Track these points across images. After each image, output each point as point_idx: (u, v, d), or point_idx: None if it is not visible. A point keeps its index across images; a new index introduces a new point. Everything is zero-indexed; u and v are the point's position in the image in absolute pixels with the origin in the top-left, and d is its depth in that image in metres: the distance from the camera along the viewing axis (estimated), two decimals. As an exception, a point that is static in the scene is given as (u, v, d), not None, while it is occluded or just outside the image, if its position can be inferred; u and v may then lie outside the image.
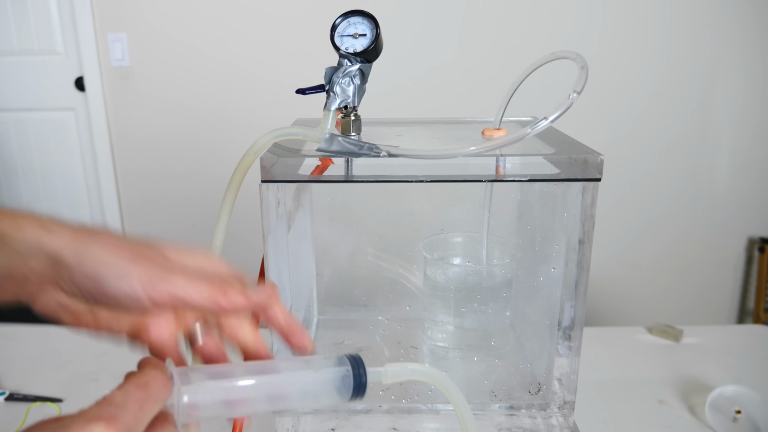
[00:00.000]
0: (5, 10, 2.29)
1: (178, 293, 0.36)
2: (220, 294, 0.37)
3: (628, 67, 2.20)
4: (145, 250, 0.38)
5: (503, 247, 0.82)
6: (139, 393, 0.32)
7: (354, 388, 0.40)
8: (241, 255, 1.62)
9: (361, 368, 0.41)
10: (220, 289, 0.37)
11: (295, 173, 0.61)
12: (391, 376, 0.42)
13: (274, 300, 0.40)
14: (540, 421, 0.73)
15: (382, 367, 0.42)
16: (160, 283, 0.36)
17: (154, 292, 0.36)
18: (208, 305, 0.37)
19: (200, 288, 0.37)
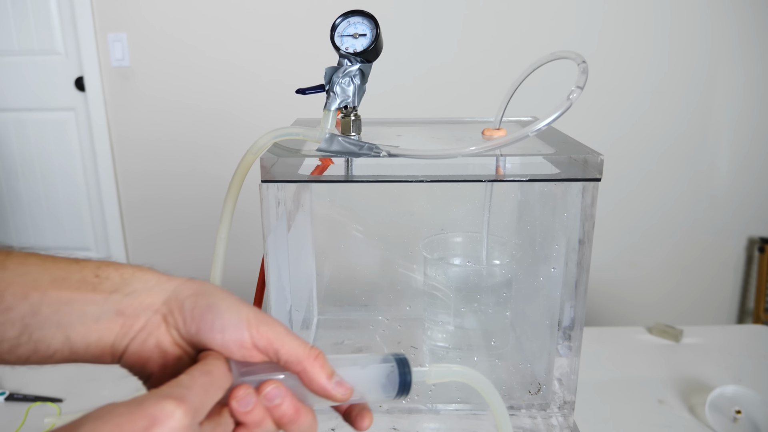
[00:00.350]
0: (5, 10, 2.30)
1: (276, 341, 0.38)
2: (310, 358, 0.38)
3: (628, 67, 2.20)
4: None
5: (503, 247, 0.82)
6: (203, 378, 0.34)
7: (399, 385, 0.42)
8: (241, 255, 1.63)
9: (406, 367, 0.42)
10: (312, 353, 0.39)
11: (295, 173, 0.61)
12: (434, 376, 0.44)
13: (344, 399, 0.40)
14: (540, 421, 0.73)
15: (426, 367, 0.44)
16: (262, 326, 0.38)
17: (257, 333, 0.37)
18: (293, 364, 0.38)
19: (295, 344, 0.38)
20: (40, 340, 0.36)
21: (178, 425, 0.30)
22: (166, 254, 2.48)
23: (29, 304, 0.35)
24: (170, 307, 0.38)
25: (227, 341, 0.37)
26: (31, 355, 0.36)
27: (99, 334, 0.37)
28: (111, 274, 0.38)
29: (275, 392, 0.37)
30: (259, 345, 0.38)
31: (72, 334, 0.36)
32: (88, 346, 0.37)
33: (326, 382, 0.38)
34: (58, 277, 0.37)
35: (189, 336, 0.38)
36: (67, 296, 0.36)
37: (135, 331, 0.37)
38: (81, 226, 2.57)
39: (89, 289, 0.37)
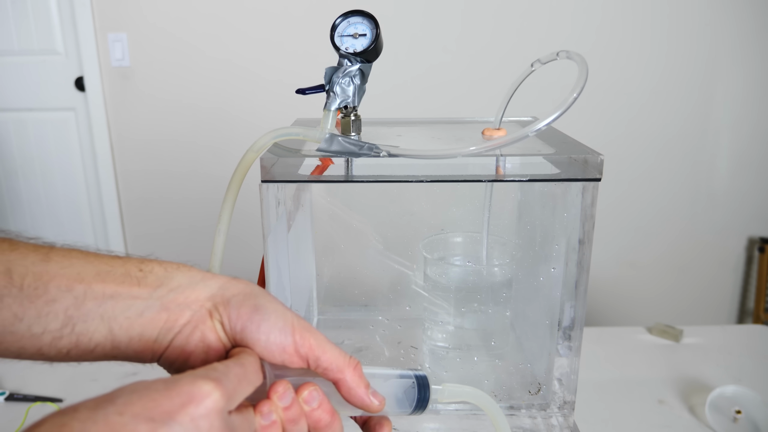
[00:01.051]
0: (5, 10, 2.29)
1: (318, 348, 0.38)
2: (350, 368, 0.39)
3: (627, 66, 2.20)
4: None
5: (503, 247, 0.82)
6: (238, 369, 0.34)
7: (417, 402, 0.43)
8: (241, 255, 1.63)
9: (425, 384, 0.43)
10: (352, 363, 0.39)
11: (295, 173, 0.61)
12: (448, 395, 0.45)
13: (379, 410, 0.41)
14: (540, 421, 0.73)
15: (440, 386, 0.45)
16: (306, 333, 0.38)
17: (300, 339, 0.38)
18: (333, 372, 0.39)
19: (336, 352, 0.39)
20: (83, 333, 0.36)
21: (214, 406, 0.30)
22: (166, 254, 2.45)
23: (73, 296, 0.35)
24: (216, 303, 0.38)
25: (270, 344, 0.37)
26: (72, 349, 0.36)
27: (142, 327, 0.37)
28: (155, 268, 0.39)
29: (314, 395, 0.37)
30: (301, 351, 0.38)
31: (115, 327, 0.36)
32: (130, 341, 0.37)
33: (365, 392, 0.39)
34: (102, 270, 0.37)
35: (232, 333, 0.38)
36: (111, 289, 0.36)
37: (180, 325, 0.37)
38: (81, 226, 2.57)
39: (134, 283, 0.37)
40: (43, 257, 0.36)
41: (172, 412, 0.29)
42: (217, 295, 0.38)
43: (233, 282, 0.40)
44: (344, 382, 0.39)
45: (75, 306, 0.35)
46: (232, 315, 0.38)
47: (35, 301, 0.35)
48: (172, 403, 0.29)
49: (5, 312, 0.35)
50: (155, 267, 0.39)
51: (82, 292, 0.36)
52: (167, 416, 0.29)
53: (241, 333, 0.37)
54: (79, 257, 0.37)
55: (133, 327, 0.37)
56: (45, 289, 0.35)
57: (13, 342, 0.35)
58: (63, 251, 0.37)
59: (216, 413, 0.30)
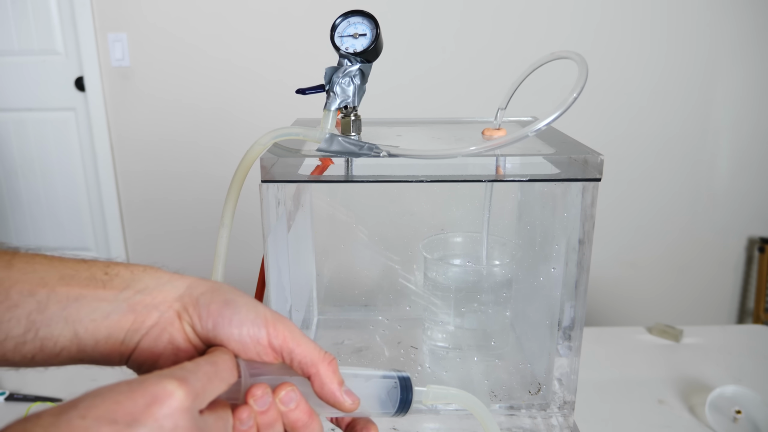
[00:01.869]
0: (5, 10, 2.29)
1: (291, 340, 0.38)
2: (324, 362, 0.38)
3: (626, 66, 2.20)
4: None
5: (503, 247, 0.82)
6: (208, 367, 0.34)
7: (399, 403, 0.42)
8: (242, 255, 1.63)
9: (408, 385, 0.43)
10: (326, 357, 0.39)
11: (295, 173, 0.61)
12: (432, 396, 0.44)
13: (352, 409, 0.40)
14: (540, 421, 0.73)
15: (425, 387, 0.44)
16: (279, 324, 0.38)
17: (274, 330, 0.37)
18: (307, 366, 0.38)
19: (311, 346, 0.38)
20: (47, 338, 0.35)
21: (178, 405, 0.30)
22: (167, 254, 2.48)
23: (36, 301, 0.35)
24: (184, 303, 0.38)
25: (244, 336, 0.37)
26: (37, 354, 0.36)
27: (109, 330, 0.36)
28: (121, 271, 0.38)
29: (291, 395, 0.37)
30: (274, 343, 0.37)
31: (80, 331, 0.36)
32: (96, 343, 0.36)
33: (337, 388, 0.38)
34: (66, 274, 0.37)
35: (205, 332, 0.37)
36: (75, 292, 0.36)
37: (147, 327, 0.37)
38: (81, 226, 2.57)
39: (99, 286, 0.37)
40: (5, 264, 0.36)
41: (135, 413, 0.29)
42: (185, 295, 0.38)
43: (200, 281, 0.39)
44: (317, 376, 0.38)
45: (38, 311, 0.35)
46: (202, 313, 0.37)
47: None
48: (135, 404, 0.29)
49: None
50: (121, 270, 0.38)
51: (45, 296, 0.35)
52: (130, 418, 0.28)
53: (213, 330, 0.37)
54: (43, 262, 0.37)
55: (99, 329, 0.36)
56: (6, 294, 0.35)
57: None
58: (26, 257, 0.37)
59: (181, 412, 0.30)
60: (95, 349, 0.36)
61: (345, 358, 0.83)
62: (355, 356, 0.83)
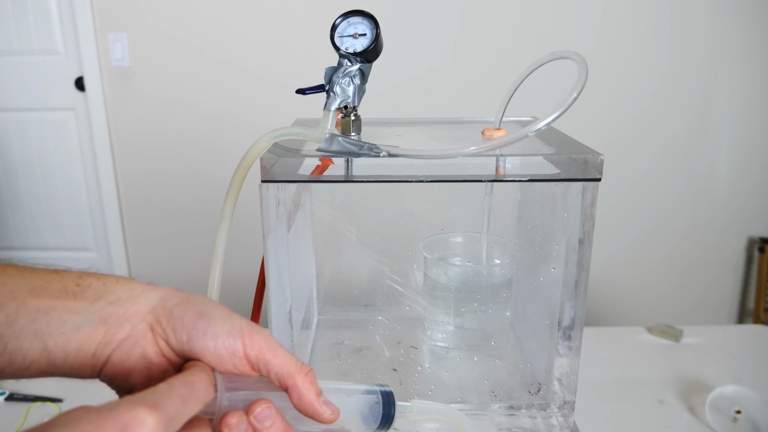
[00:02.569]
0: (5, 10, 2.30)
1: (268, 351, 0.37)
2: (301, 373, 0.38)
3: (628, 67, 2.20)
4: None
5: (503, 247, 0.82)
6: (183, 389, 0.33)
7: (381, 419, 0.42)
8: (241, 255, 1.63)
9: (390, 400, 0.42)
10: (303, 368, 0.38)
11: (295, 173, 0.61)
12: (416, 412, 0.44)
13: (331, 420, 0.39)
14: (540, 421, 0.73)
15: (409, 402, 0.44)
16: (255, 335, 0.37)
17: (250, 341, 0.37)
18: (284, 377, 0.37)
19: (287, 357, 0.38)
20: (16, 351, 0.34)
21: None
22: (167, 254, 2.48)
23: (5, 314, 0.34)
24: (157, 316, 0.37)
25: (219, 348, 0.36)
26: (6, 367, 0.35)
27: (79, 343, 0.35)
28: (93, 282, 0.37)
29: (266, 413, 0.36)
30: (250, 354, 0.37)
31: (50, 344, 0.35)
32: (67, 356, 0.36)
33: (315, 399, 0.38)
34: (36, 286, 0.36)
35: (179, 345, 0.36)
36: (45, 305, 0.35)
37: (119, 340, 0.36)
38: (81, 226, 2.57)
39: (70, 298, 0.36)
40: None
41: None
42: (158, 308, 0.37)
43: (174, 293, 0.38)
44: (295, 388, 0.37)
45: (6, 324, 0.34)
46: (176, 325, 0.36)
47: None
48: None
49: None
50: (93, 281, 0.37)
51: (14, 309, 0.34)
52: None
53: (188, 342, 0.36)
54: (13, 273, 0.36)
55: (69, 342, 0.35)
56: None
57: None
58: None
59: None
60: (65, 362, 0.36)
61: (345, 358, 0.83)
62: (355, 356, 0.83)
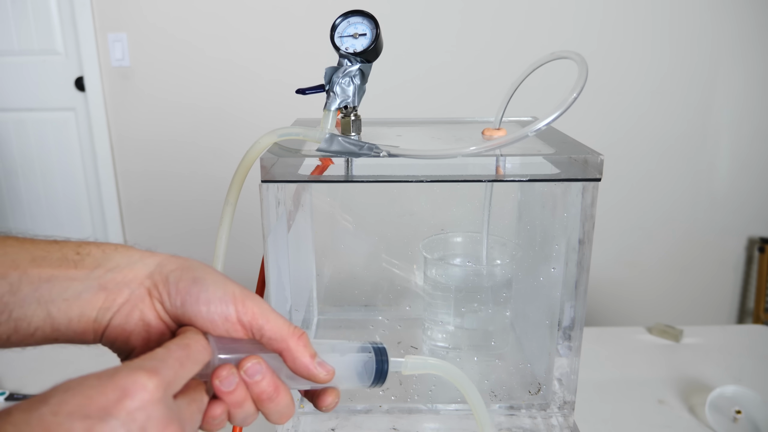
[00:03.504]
0: (5, 10, 2.29)
1: (261, 316, 0.38)
2: (294, 337, 0.38)
3: (628, 67, 2.20)
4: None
5: (503, 247, 0.82)
6: (180, 352, 0.34)
7: (375, 374, 0.42)
8: (241, 255, 1.63)
9: (384, 356, 0.43)
10: (296, 332, 0.39)
11: (295, 173, 0.61)
12: (410, 367, 0.44)
13: (327, 380, 0.40)
14: (540, 421, 0.73)
15: (403, 358, 0.44)
16: (248, 301, 0.38)
17: (242, 307, 0.38)
18: (277, 341, 0.38)
19: (280, 321, 0.38)
20: (21, 318, 0.36)
21: (149, 398, 0.30)
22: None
23: (8, 283, 0.35)
24: (154, 281, 0.38)
25: (212, 314, 0.37)
26: (12, 335, 0.36)
27: (81, 309, 0.37)
28: (92, 250, 0.38)
29: (256, 368, 0.37)
30: (243, 320, 0.37)
31: (53, 310, 0.36)
32: (69, 322, 0.37)
33: (309, 361, 0.38)
34: (37, 256, 0.37)
35: (174, 309, 0.37)
36: (47, 273, 0.36)
37: (118, 304, 0.37)
38: (81, 226, 2.57)
39: (70, 266, 0.37)
40: None
41: (107, 407, 0.29)
42: (155, 273, 0.38)
43: (171, 258, 0.40)
44: (288, 351, 0.38)
45: (11, 292, 0.35)
46: (171, 290, 0.37)
47: None
48: (107, 398, 0.29)
49: None
50: (93, 249, 0.39)
51: (17, 278, 0.36)
52: (103, 412, 0.28)
53: (181, 308, 0.37)
54: (14, 245, 0.37)
55: (71, 308, 0.36)
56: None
57: None
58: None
59: (153, 404, 0.30)
60: (69, 328, 0.37)
61: (345, 358, 0.82)
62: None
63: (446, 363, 0.46)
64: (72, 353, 1.00)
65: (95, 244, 0.39)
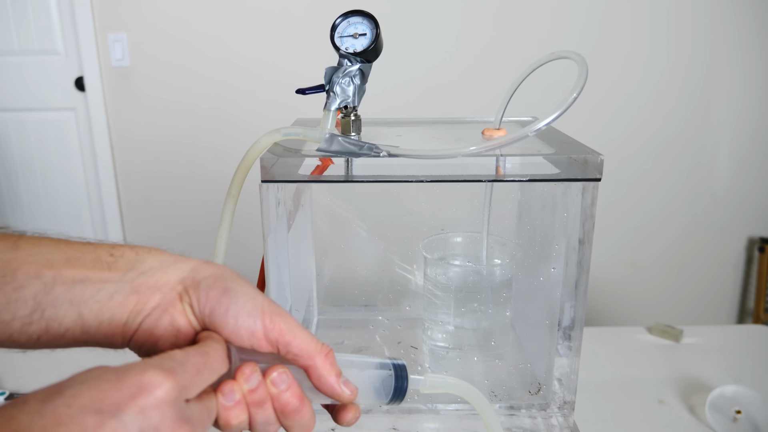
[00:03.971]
0: (5, 10, 2.29)
1: (288, 333, 0.38)
2: (321, 354, 0.38)
3: (627, 66, 2.20)
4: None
5: (503, 247, 0.82)
6: (198, 359, 0.33)
7: (394, 392, 0.42)
8: (241, 255, 1.63)
9: (403, 373, 0.42)
10: (323, 350, 0.39)
11: (295, 173, 0.61)
12: (429, 386, 0.44)
13: (351, 400, 0.40)
14: (540, 421, 0.73)
15: (422, 376, 0.43)
16: (276, 317, 0.38)
17: (270, 323, 0.37)
18: (303, 358, 0.38)
19: (308, 338, 0.38)
20: (53, 318, 0.36)
21: (164, 397, 0.30)
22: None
23: (42, 282, 0.35)
24: (186, 286, 0.38)
25: (239, 328, 0.37)
26: (42, 335, 0.36)
27: (112, 311, 0.37)
28: (126, 253, 0.38)
29: (283, 377, 0.37)
30: (270, 336, 0.37)
31: (85, 312, 0.36)
32: (100, 324, 0.36)
33: (335, 380, 0.38)
34: (71, 256, 0.37)
35: (202, 317, 0.37)
36: (81, 274, 0.36)
37: (149, 308, 0.37)
38: (81, 226, 2.57)
39: (104, 268, 0.37)
40: (11, 245, 0.36)
41: (121, 403, 0.28)
42: (187, 278, 0.38)
43: (204, 265, 0.39)
44: (314, 369, 0.38)
45: (44, 292, 0.35)
46: (201, 298, 0.37)
47: (3, 288, 0.35)
48: (122, 394, 0.29)
49: None
50: (126, 251, 0.39)
51: (51, 278, 0.36)
52: (116, 408, 0.28)
53: (209, 316, 0.37)
54: (49, 244, 0.37)
55: (102, 311, 0.36)
56: (13, 276, 0.35)
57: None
58: (32, 239, 0.37)
59: (167, 404, 0.30)
60: (98, 330, 0.37)
61: (345, 358, 0.83)
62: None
63: (465, 383, 0.46)
64: (72, 354, 1.00)
65: (129, 246, 0.39)
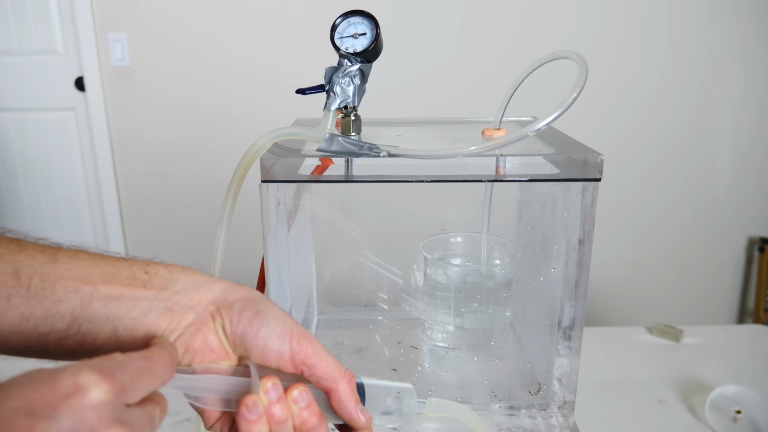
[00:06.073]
0: (5, 10, 2.29)
1: (314, 356, 0.39)
2: (344, 380, 0.39)
3: (627, 66, 2.20)
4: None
5: (503, 247, 0.82)
6: (141, 362, 0.33)
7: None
8: (241, 255, 1.63)
9: (411, 399, 0.43)
10: (347, 375, 0.40)
11: (295, 173, 0.61)
12: (433, 410, 0.45)
13: (366, 427, 0.41)
14: (540, 421, 0.73)
15: (426, 400, 0.44)
16: (303, 340, 0.39)
17: (297, 346, 0.38)
18: (327, 381, 0.39)
19: (332, 362, 0.39)
20: (88, 333, 0.36)
21: (99, 399, 0.29)
22: (167, 255, 2.44)
23: (80, 297, 0.36)
24: (218, 307, 0.39)
25: (268, 350, 0.38)
26: (78, 349, 0.36)
27: (146, 328, 0.37)
28: (160, 271, 0.39)
29: (304, 395, 0.38)
30: (297, 358, 0.38)
31: (120, 328, 0.37)
32: (134, 341, 0.37)
33: (354, 406, 0.39)
34: (108, 272, 0.38)
35: (233, 338, 0.38)
36: (117, 291, 0.37)
37: (183, 327, 0.38)
38: (81, 226, 2.57)
39: (139, 285, 0.38)
40: (50, 258, 0.37)
41: (54, 404, 0.28)
42: (220, 299, 0.39)
43: (236, 287, 0.40)
44: (336, 393, 0.39)
45: (81, 307, 0.36)
46: (233, 319, 0.38)
47: (42, 301, 0.35)
48: (56, 394, 0.28)
49: (13, 312, 0.35)
50: (161, 269, 0.39)
51: (89, 293, 0.36)
52: (49, 408, 0.27)
53: (241, 337, 0.38)
54: (86, 259, 0.38)
55: (137, 328, 0.37)
56: (52, 289, 0.36)
57: (21, 341, 0.36)
58: (70, 252, 0.38)
59: (104, 406, 0.29)
60: (132, 347, 0.37)
61: (345, 358, 0.83)
62: (355, 356, 0.83)
63: (469, 409, 0.47)
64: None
65: (163, 264, 0.40)
